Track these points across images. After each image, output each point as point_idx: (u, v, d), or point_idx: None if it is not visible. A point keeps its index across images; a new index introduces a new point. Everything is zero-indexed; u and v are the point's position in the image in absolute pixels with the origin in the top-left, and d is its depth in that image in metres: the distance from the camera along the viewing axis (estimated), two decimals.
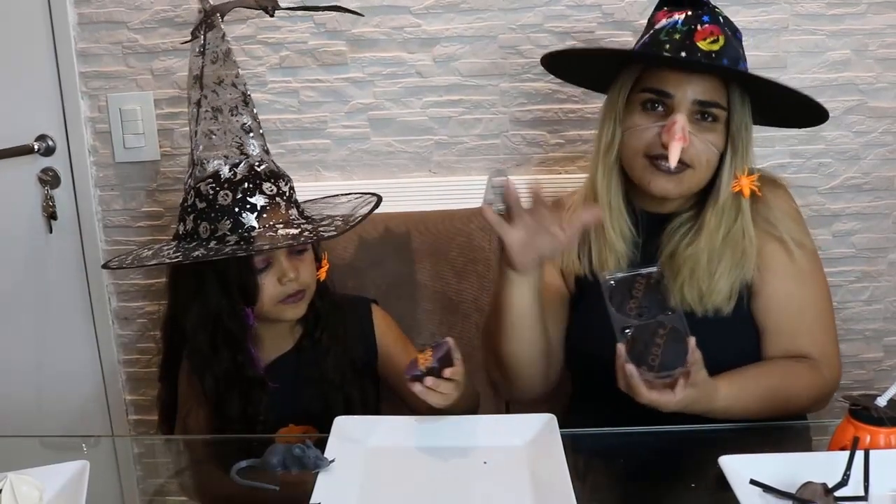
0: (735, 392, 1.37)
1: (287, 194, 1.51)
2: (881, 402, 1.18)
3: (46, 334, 2.21)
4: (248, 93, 1.55)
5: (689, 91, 1.43)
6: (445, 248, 1.98)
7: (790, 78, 1.96)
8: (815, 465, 1.12)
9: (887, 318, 2.15)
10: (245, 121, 1.52)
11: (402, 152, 2.08)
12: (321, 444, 1.26)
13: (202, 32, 1.54)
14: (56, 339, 2.21)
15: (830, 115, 2.02)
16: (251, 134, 1.53)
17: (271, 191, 1.48)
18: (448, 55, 2.02)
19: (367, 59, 2.03)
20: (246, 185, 1.47)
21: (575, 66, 1.64)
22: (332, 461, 1.22)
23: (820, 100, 1.46)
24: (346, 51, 2.02)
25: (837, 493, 1.07)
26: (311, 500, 1.13)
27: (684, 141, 1.40)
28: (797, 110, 1.52)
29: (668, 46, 1.43)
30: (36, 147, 2.08)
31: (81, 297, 2.19)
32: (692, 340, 1.26)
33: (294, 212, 1.51)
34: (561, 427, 1.29)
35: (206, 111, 1.52)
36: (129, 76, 2.07)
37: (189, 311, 1.52)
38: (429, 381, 1.31)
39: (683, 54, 1.42)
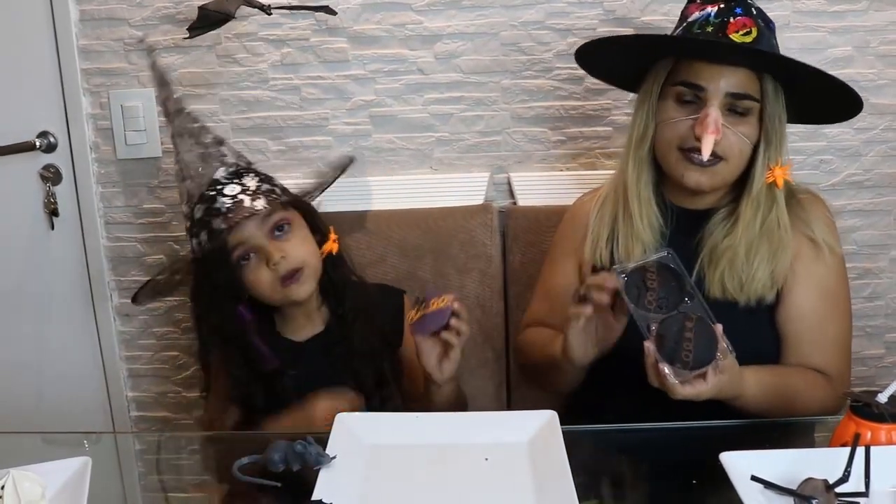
0: (761, 384, 1.38)
1: (253, 188, 1.51)
2: (882, 398, 1.18)
3: (48, 331, 2.22)
4: (199, 119, 1.61)
5: (721, 83, 1.43)
6: (447, 245, 1.98)
7: None
8: (816, 462, 1.12)
9: (888, 315, 2.16)
10: (208, 139, 1.57)
11: (403, 149, 2.08)
12: (323, 441, 1.26)
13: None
14: (58, 335, 2.21)
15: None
16: (223, 146, 1.57)
17: (234, 191, 1.49)
18: (449, 52, 2.02)
19: (369, 55, 2.03)
20: (210, 193, 1.50)
21: (605, 59, 1.64)
22: (334, 458, 1.22)
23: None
24: (348, 48, 2.02)
25: (838, 490, 1.06)
26: (313, 497, 1.13)
27: (717, 134, 1.41)
28: (830, 101, 1.52)
29: (700, 39, 1.44)
30: (37, 144, 2.08)
31: (83, 293, 2.19)
32: (719, 328, 1.27)
33: (261, 201, 1.49)
34: (563, 421, 1.29)
35: (184, 140, 1.57)
36: (130, 73, 2.07)
37: (200, 323, 1.58)
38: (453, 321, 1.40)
39: None
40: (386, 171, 2.09)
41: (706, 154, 1.41)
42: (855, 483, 1.07)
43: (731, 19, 1.42)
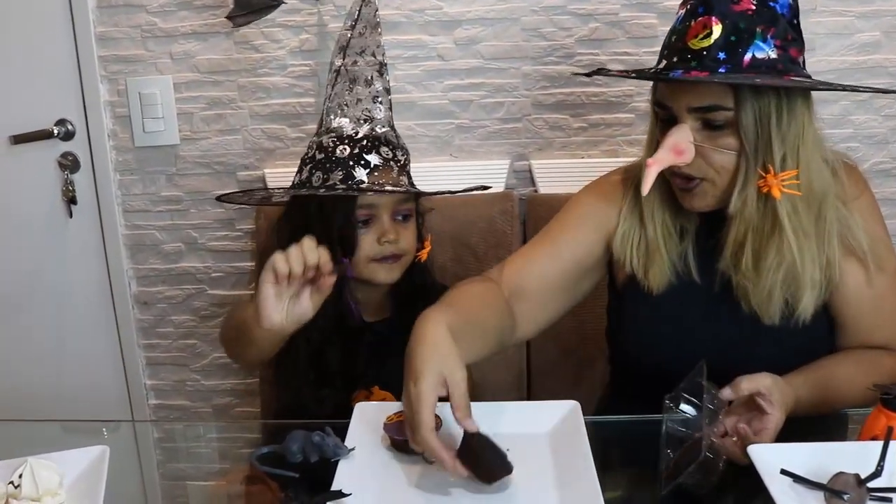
0: (807, 385, 1.30)
1: (402, 162, 1.57)
2: None
3: (66, 319, 2.22)
4: (386, 63, 1.62)
5: (682, 100, 1.28)
6: (467, 233, 1.97)
7: (818, 60, 1.93)
8: (846, 455, 1.10)
9: None
10: (378, 88, 1.59)
11: (423, 136, 2.07)
12: (342, 432, 1.25)
13: (358, 8, 1.62)
14: (76, 323, 2.22)
15: (858, 99, 1.99)
16: (380, 100, 1.59)
17: (387, 154, 1.54)
18: (470, 38, 2.00)
19: (388, 41, 2.00)
20: (365, 142, 1.53)
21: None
22: (352, 449, 1.21)
23: (848, 82, 1.41)
24: None
25: (870, 484, 1.04)
26: (332, 488, 1.12)
27: (680, 157, 1.27)
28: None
29: (666, 52, 1.33)
30: (56, 132, 2.08)
31: (101, 281, 2.19)
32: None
33: (405, 179, 1.57)
34: (595, 413, 1.28)
35: (343, 79, 1.59)
36: (148, 60, 2.06)
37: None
38: None
39: (675, 59, 1.30)
40: None
41: (644, 189, 1.29)
42: (888, 478, 1.05)
43: (692, 22, 1.27)
